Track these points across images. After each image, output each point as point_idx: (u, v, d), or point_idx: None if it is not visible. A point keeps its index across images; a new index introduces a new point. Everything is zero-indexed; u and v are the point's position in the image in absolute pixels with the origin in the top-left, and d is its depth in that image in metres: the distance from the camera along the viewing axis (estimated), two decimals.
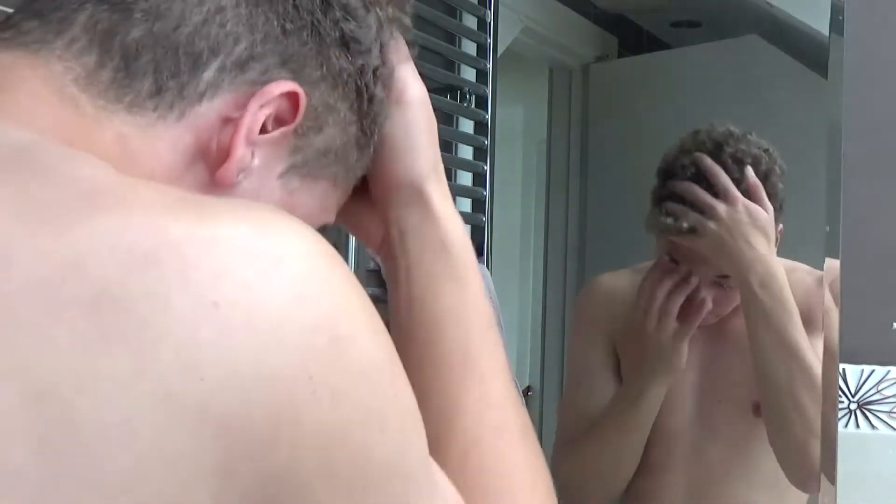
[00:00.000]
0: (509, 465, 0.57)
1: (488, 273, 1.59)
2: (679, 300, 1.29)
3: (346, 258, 0.53)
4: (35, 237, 0.40)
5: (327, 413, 0.41)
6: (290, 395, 0.40)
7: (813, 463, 1.15)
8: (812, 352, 1.22)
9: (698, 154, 1.27)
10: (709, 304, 1.30)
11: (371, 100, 0.57)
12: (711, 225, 1.24)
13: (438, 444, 0.52)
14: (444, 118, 1.56)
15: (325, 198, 0.59)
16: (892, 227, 1.27)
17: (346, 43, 0.55)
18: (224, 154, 0.52)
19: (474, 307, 0.60)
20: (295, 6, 0.53)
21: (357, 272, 1.30)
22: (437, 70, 1.49)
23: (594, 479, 1.37)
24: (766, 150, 1.31)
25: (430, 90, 0.66)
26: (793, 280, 1.30)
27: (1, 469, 0.37)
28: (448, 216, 0.62)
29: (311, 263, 0.42)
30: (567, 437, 1.39)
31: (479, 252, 1.63)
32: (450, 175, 1.61)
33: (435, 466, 0.49)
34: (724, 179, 1.25)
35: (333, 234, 0.70)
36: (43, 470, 0.37)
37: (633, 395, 1.33)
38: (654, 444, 1.36)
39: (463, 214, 1.62)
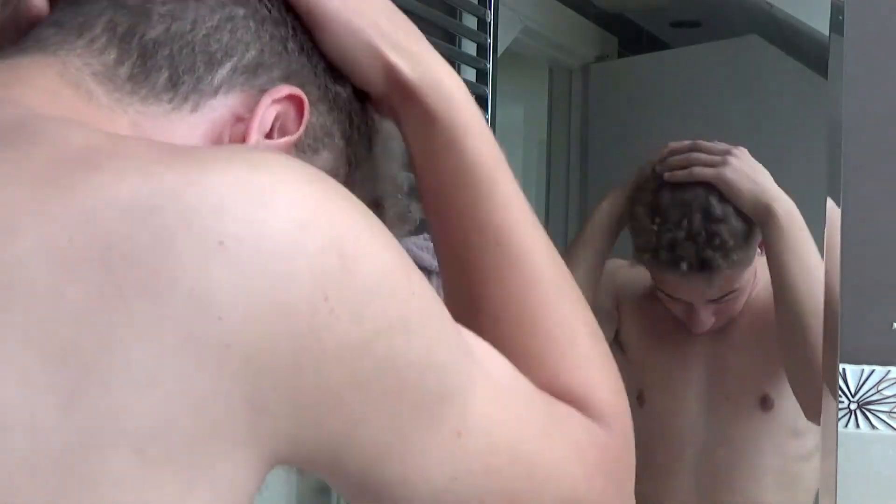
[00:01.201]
0: (543, 324, 0.58)
1: None
2: None
3: None
4: (37, 201, 0.40)
5: (347, 331, 0.42)
6: (308, 320, 0.41)
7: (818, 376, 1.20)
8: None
9: (688, 155, 1.33)
10: (711, 321, 1.33)
11: (358, 129, 0.59)
12: (734, 160, 1.30)
13: (470, 311, 0.55)
14: None
15: None
16: (893, 227, 1.27)
17: (337, 69, 0.57)
18: None
19: (487, 166, 0.60)
20: (293, 29, 0.56)
21: None
22: None
23: None
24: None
25: None
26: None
27: (28, 430, 0.38)
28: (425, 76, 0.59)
29: (307, 189, 0.43)
30: None
31: None
32: None
33: (469, 339, 0.49)
34: (721, 144, 1.33)
35: None
36: (70, 427, 0.38)
37: None
38: (662, 448, 1.36)
39: None
